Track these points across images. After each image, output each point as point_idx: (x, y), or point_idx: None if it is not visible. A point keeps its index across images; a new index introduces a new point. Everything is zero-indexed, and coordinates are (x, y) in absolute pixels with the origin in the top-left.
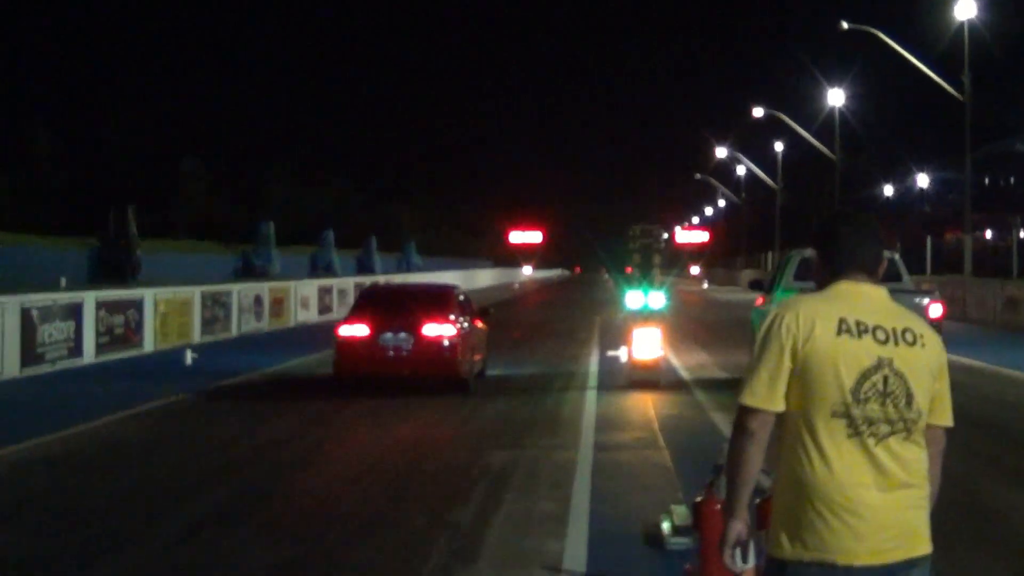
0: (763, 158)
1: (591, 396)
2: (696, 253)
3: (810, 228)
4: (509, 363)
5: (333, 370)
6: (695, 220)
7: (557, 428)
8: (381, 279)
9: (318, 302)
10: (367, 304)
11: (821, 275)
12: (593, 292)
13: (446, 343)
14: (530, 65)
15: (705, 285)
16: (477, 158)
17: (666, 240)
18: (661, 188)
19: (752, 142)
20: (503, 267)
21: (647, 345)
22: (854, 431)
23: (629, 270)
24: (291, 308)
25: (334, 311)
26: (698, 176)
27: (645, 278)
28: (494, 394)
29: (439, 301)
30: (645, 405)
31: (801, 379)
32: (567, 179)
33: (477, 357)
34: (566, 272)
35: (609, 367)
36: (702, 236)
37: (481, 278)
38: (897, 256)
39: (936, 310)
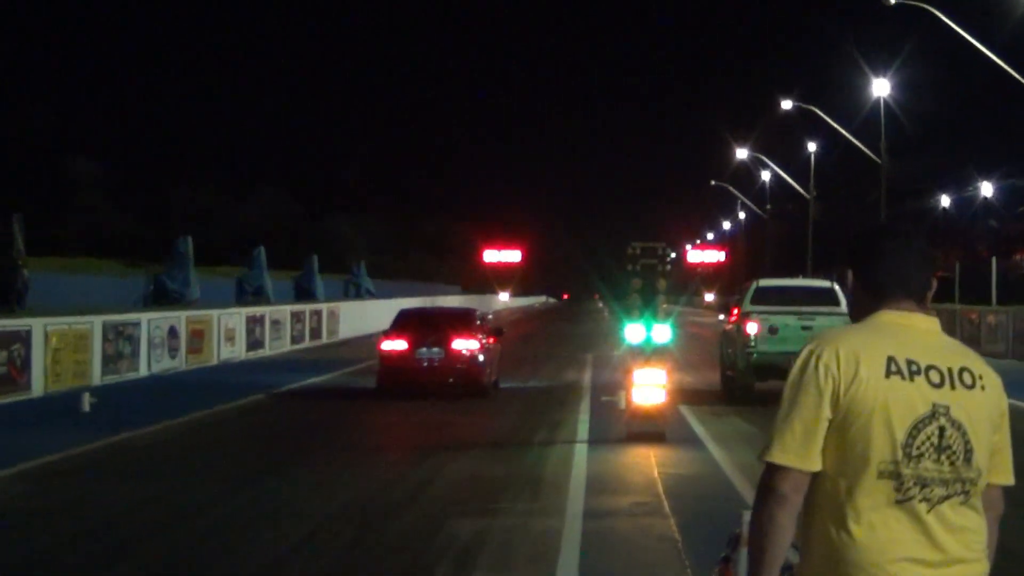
0: (792, 163)
1: (580, 451)
2: (711, 277)
3: (846, 244)
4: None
5: (376, 380)
6: (709, 237)
7: (538, 490)
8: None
9: (246, 335)
10: (404, 323)
11: (858, 302)
12: (584, 323)
13: (471, 356)
14: (506, 55)
15: (721, 316)
16: (443, 163)
17: (673, 260)
18: (667, 200)
19: (778, 144)
20: (474, 293)
21: (650, 389)
22: (903, 495)
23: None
24: (213, 342)
25: (267, 346)
26: (713, 183)
27: (648, 307)
28: (461, 448)
29: (464, 320)
30: (647, 462)
31: (840, 431)
32: (554, 190)
33: (494, 369)
34: (551, 299)
35: (603, 416)
36: (717, 256)
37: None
38: (835, 285)
39: None
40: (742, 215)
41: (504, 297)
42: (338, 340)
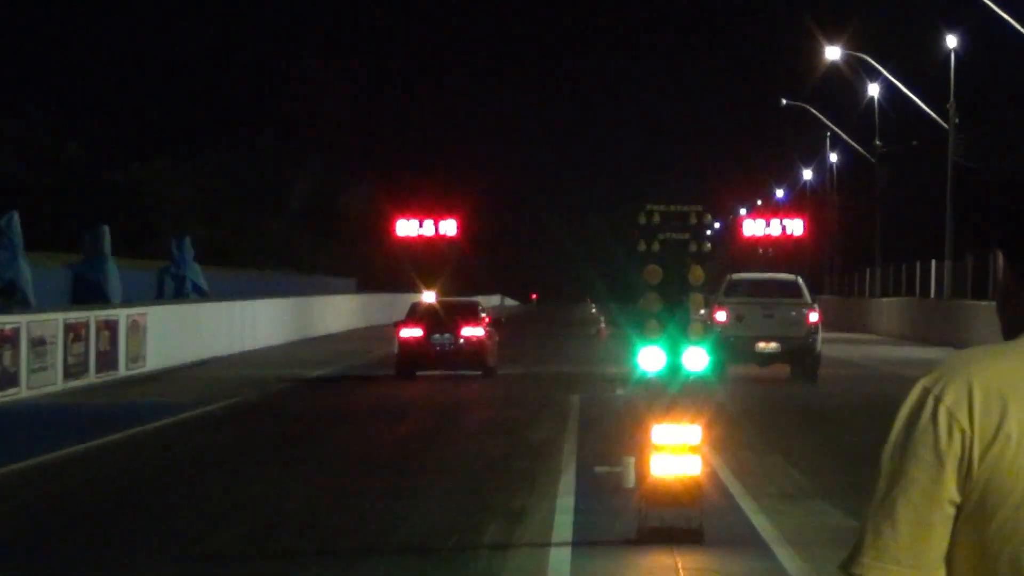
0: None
1: (559, 561)
2: (780, 260)
3: (998, 211)
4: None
5: (396, 365)
6: (778, 197)
7: None
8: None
9: None
10: (419, 314)
11: (1014, 304)
12: (565, 341)
13: (478, 341)
14: None
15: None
16: (329, 78)
17: (717, 235)
18: (703, 144)
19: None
20: (378, 291)
21: (675, 455)
22: None
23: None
24: None
25: (22, 384)
26: (785, 103)
27: (673, 313)
28: (368, 551)
29: (470, 310)
30: None
31: (977, 524)
32: (521, 133)
33: (495, 355)
34: (512, 302)
35: (598, 499)
36: (792, 226)
37: (326, 315)
38: (799, 279)
39: (813, 316)
40: (833, 157)
41: (430, 298)
42: (146, 371)
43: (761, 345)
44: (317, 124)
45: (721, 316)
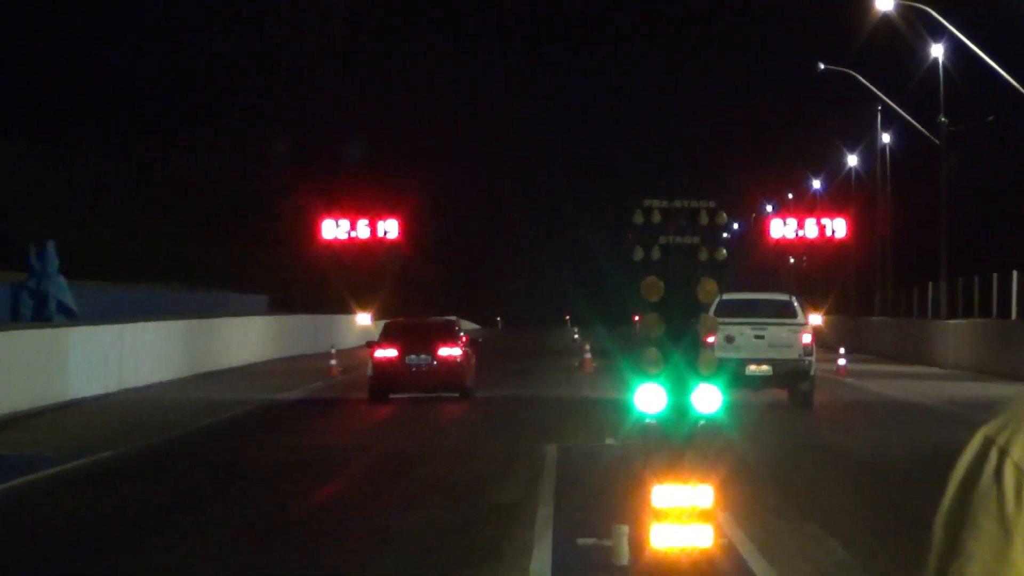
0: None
1: None
2: (816, 273)
3: None
4: None
5: (368, 388)
6: (814, 189)
7: None
8: None
9: None
10: (392, 334)
11: None
12: (540, 377)
13: (456, 361)
14: None
15: (842, 360)
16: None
17: (734, 237)
18: (715, 129)
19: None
20: (302, 311)
21: (681, 523)
22: None
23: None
24: None
25: None
26: (823, 67)
27: (678, 340)
28: None
29: (447, 330)
30: None
31: None
32: (484, 106)
33: (472, 375)
34: (471, 326)
35: None
36: (831, 227)
37: (230, 343)
38: (793, 299)
39: (807, 337)
40: (885, 138)
41: (365, 320)
42: None
43: (752, 368)
44: (223, 100)
45: (710, 338)
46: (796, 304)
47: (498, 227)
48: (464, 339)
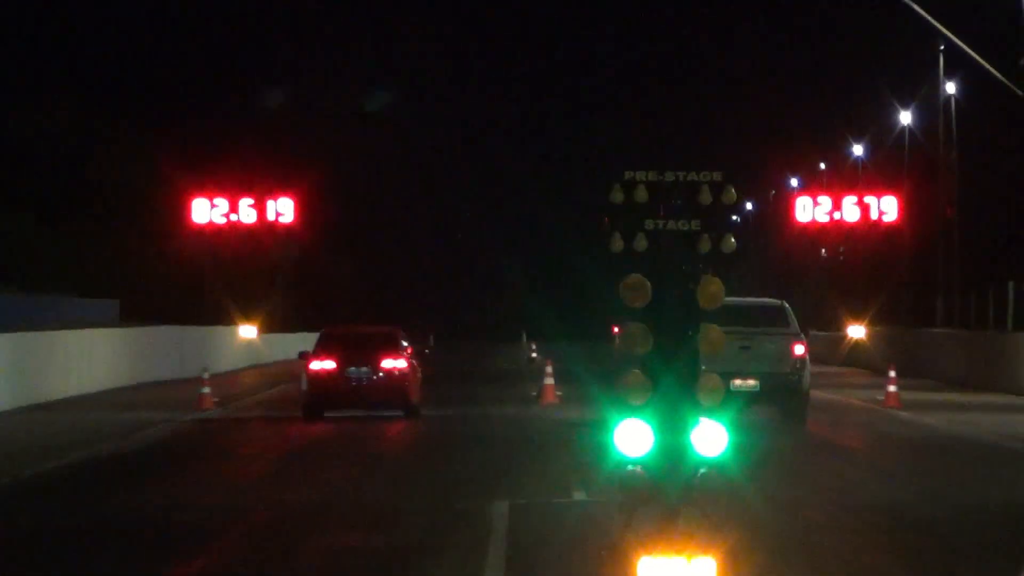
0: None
1: None
2: (858, 269)
3: None
4: None
5: (302, 405)
6: (855, 156)
7: None
8: None
9: None
10: (330, 343)
11: None
12: (485, 409)
13: (400, 374)
14: None
15: (893, 387)
16: None
17: (743, 222)
18: (706, 87)
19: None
20: (164, 322)
21: None
22: None
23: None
24: None
25: None
26: None
27: (669, 359)
28: None
29: (390, 339)
30: None
31: None
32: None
33: (418, 389)
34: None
35: None
36: (878, 205)
37: (67, 363)
38: (785, 304)
39: (799, 349)
40: (950, 88)
41: (250, 333)
42: None
43: (737, 382)
44: (66, 47)
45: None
46: (788, 311)
47: (432, 210)
48: (409, 350)
